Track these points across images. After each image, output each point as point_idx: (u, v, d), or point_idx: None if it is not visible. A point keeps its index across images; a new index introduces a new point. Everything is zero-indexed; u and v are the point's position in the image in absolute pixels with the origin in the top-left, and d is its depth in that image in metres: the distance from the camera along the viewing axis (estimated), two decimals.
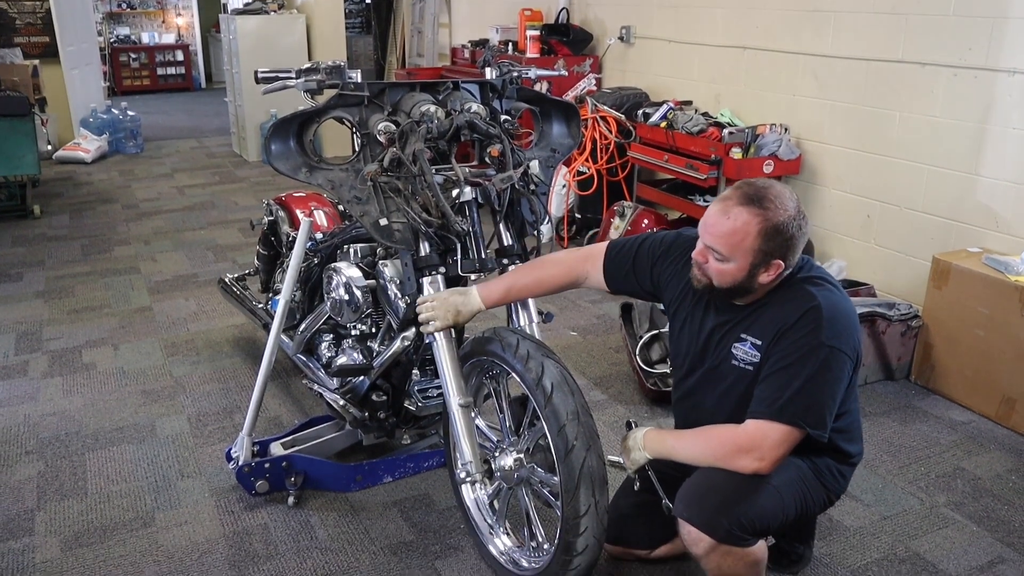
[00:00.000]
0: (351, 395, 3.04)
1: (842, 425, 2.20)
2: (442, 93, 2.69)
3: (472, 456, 2.36)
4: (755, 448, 2.04)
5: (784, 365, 2.05)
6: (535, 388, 2.24)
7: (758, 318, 2.17)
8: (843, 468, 2.29)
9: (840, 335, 2.04)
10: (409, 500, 3.05)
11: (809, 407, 2.02)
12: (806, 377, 2.02)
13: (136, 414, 3.67)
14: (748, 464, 2.05)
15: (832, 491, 2.29)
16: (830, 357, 2.02)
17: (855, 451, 2.30)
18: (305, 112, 2.54)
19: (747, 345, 2.17)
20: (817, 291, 2.10)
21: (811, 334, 2.03)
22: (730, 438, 2.08)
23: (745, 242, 2.04)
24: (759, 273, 2.08)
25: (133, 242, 6.23)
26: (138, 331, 4.57)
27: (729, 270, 2.09)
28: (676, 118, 5.17)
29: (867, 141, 4.48)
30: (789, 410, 2.02)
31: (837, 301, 2.10)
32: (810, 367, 2.02)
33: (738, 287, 2.13)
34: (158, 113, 12.56)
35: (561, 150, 2.88)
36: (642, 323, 3.95)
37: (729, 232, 2.06)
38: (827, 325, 2.03)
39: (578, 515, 2.17)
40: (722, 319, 2.25)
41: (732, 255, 2.07)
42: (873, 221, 4.51)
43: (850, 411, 2.24)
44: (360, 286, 2.92)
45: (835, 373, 2.03)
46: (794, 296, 2.11)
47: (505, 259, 2.66)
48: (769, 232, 2.03)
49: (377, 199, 2.51)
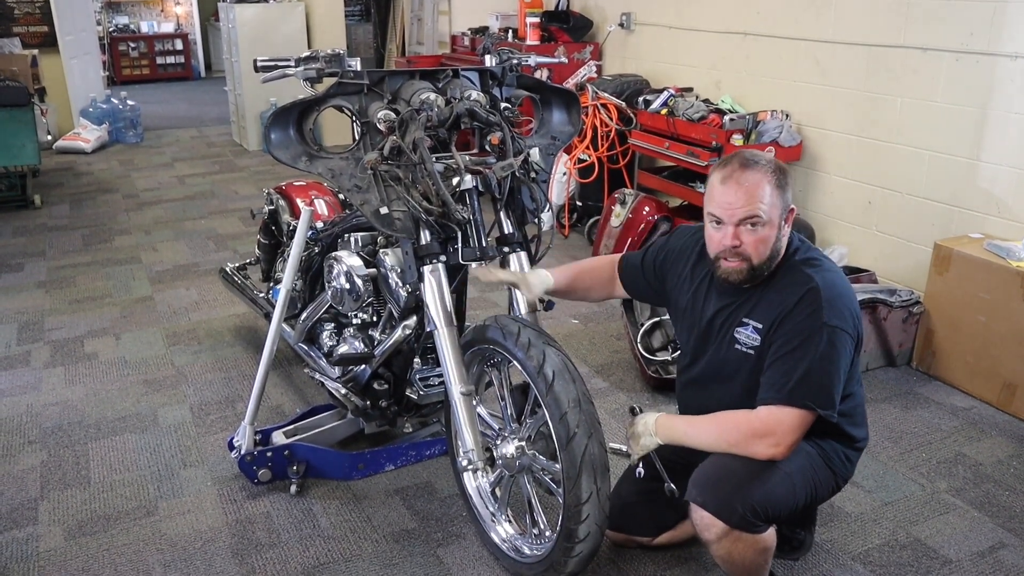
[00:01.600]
0: (352, 384, 3.04)
1: (846, 409, 2.20)
2: (442, 81, 2.68)
3: (474, 444, 2.36)
4: (770, 433, 2.05)
5: (789, 349, 2.07)
6: (536, 376, 2.24)
7: (759, 301, 2.19)
8: (849, 453, 2.29)
9: (840, 314, 2.07)
10: (411, 488, 3.06)
11: (818, 388, 2.04)
12: (811, 359, 2.04)
13: (138, 403, 3.67)
14: (764, 450, 2.06)
15: (840, 476, 2.29)
16: (833, 337, 2.05)
17: (860, 436, 2.31)
18: (305, 101, 2.53)
19: (749, 329, 2.20)
20: (815, 272, 2.13)
21: (812, 316, 2.06)
22: (745, 424, 2.09)
23: (771, 196, 2.11)
24: (783, 227, 2.15)
25: (134, 232, 6.23)
26: (139, 321, 4.58)
27: (767, 235, 2.13)
28: (677, 105, 5.16)
29: (868, 127, 4.46)
30: (799, 393, 2.03)
31: (835, 281, 2.13)
32: (814, 349, 2.04)
33: (772, 254, 2.16)
34: (158, 102, 12.53)
35: (561, 138, 2.88)
36: (643, 311, 3.96)
37: (751, 190, 2.10)
38: (827, 305, 2.06)
39: (580, 502, 2.18)
40: (724, 303, 2.27)
41: (768, 214, 2.11)
42: (874, 207, 4.50)
43: (854, 395, 2.25)
44: (361, 275, 2.93)
45: (839, 351, 2.06)
46: (793, 279, 2.14)
47: (506, 247, 2.65)
48: (780, 180, 2.12)
49: (377, 187, 2.51)
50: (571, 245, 5.87)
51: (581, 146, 5.69)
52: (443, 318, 2.51)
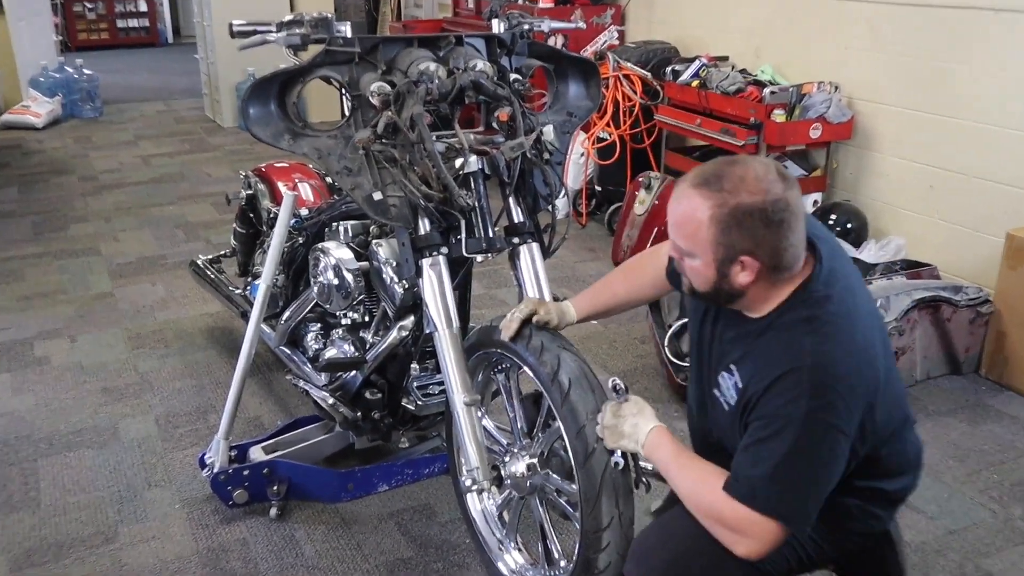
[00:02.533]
0: (341, 392, 3.05)
1: (879, 460, 2.04)
2: (443, 49, 2.68)
3: (479, 461, 2.37)
4: (739, 531, 1.90)
5: (758, 438, 1.89)
6: (550, 384, 2.24)
7: (751, 350, 1.99)
8: (875, 508, 2.12)
9: (830, 405, 1.83)
10: (407, 511, 3.07)
11: (788, 496, 1.87)
12: (782, 457, 1.84)
13: (96, 415, 3.69)
14: (735, 547, 1.91)
15: (858, 534, 2.14)
16: (813, 433, 1.84)
17: (894, 488, 2.13)
18: (287, 71, 2.54)
19: (732, 380, 2.02)
20: (810, 339, 1.88)
21: (790, 404, 1.84)
22: (716, 503, 1.93)
23: (700, 232, 1.89)
24: (732, 273, 1.92)
25: (92, 219, 6.25)
26: (98, 320, 4.60)
27: (698, 268, 1.96)
28: (710, 76, 5.15)
29: (929, 100, 4.45)
30: (762, 496, 1.86)
31: (834, 356, 1.86)
32: (786, 445, 1.84)
33: (720, 292, 1.97)
34: (119, 72, 12.57)
35: (579, 114, 2.88)
36: (672, 310, 3.96)
37: (680, 220, 1.94)
38: (811, 392, 1.83)
39: (600, 528, 2.18)
40: (727, 329, 2.11)
41: (692, 248, 1.93)
42: (937, 192, 4.49)
43: (893, 448, 2.07)
44: (351, 269, 2.94)
45: (819, 452, 1.85)
46: (781, 343, 1.92)
47: (515, 238, 2.66)
48: (724, 220, 1.86)
49: (370, 170, 2.51)
50: (589, 235, 5.88)
51: (601, 123, 5.69)
52: (444, 318, 2.52)
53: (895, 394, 2.03)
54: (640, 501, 2.28)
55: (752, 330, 2.00)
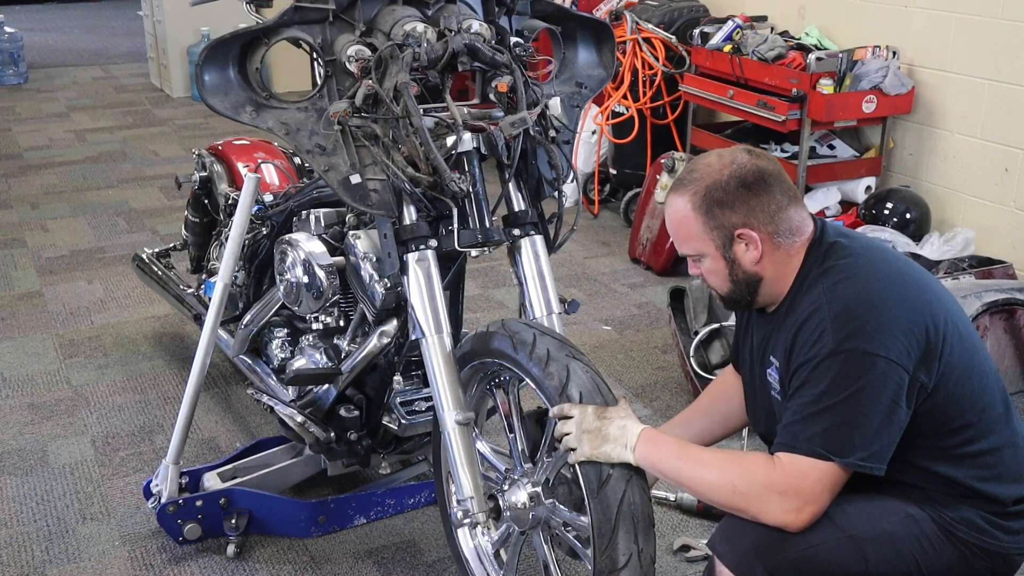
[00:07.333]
0: (312, 409, 3.06)
1: (978, 458, 2.13)
2: (433, 7, 2.68)
3: (472, 490, 2.38)
4: (792, 492, 2.02)
5: (795, 389, 2.12)
6: (558, 399, 2.26)
7: (779, 332, 2.25)
8: (992, 517, 2.15)
9: (860, 331, 2.04)
10: (388, 548, 3.08)
11: (834, 433, 2.02)
12: (818, 396, 2.05)
13: (21, 435, 3.70)
14: (779, 513, 2.03)
15: (979, 549, 2.15)
16: (848, 363, 2.03)
17: (1009, 496, 2.17)
18: (249, 31, 2.55)
19: (773, 370, 2.27)
20: (824, 283, 2.15)
21: (817, 343, 2.08)
22: (762, 471, 2.06)
23: (692, 227, 2.23)
24: (739, 255, 2.22)
25: (16, 205, 6.26)
26: (23, 324, 4.61)
27: (711, 267, 2.27)
28: (745, 40, 5.16)
29: (1005, 68, 4.47)
30: (804, 437, 2.04)
31: (853, 287, 2.12)
32: (822, 383, 2.05)
33: (738, 282, 2.26)
34: (47, 31, 12.57)
35: (590, 84, 2.89)
36: (698, 314, 3.96)
37: (674, 226, 2.29)
38: (835, 325, 2.07)
39: (616, 567, 2.18)
40: (759, 336, 2.36)
41: (696, 248, 2.26)
42: (1013, 176, 4.50)
43: (993, 444, 2.15)
44: (323, 265, 2.94)
45: (859, 382, 2.02)
46: (802, 301, 2.19)
47: (516, 229, 2.67)
48: (704, 204, 2.21)
49: (346, 149, 2.52)
50: (602, 227, 5.89)
51: (616, 95, 5.70)
52: (432, 322, 2.53)
53: (973, 345, 2.19)
54: (662, 537, 2.30)
55: (778, 316, 2.27)
